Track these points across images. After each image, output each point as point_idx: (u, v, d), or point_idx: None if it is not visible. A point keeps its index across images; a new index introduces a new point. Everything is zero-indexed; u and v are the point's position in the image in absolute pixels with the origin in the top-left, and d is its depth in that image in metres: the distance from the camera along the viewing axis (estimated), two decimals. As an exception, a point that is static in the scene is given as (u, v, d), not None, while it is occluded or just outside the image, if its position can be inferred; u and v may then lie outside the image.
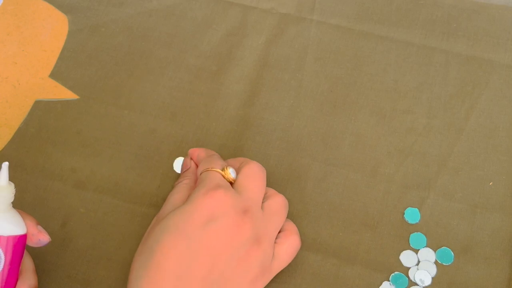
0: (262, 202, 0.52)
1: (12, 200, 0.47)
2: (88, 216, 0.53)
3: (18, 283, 0.48)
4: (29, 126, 0.56)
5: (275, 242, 0.51)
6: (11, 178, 0.49)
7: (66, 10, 0.61)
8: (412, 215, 0.53)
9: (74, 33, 0.60)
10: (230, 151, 0.55)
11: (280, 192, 0.54)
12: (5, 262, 0.47)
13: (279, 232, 0.51)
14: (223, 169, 0.51)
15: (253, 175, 0.52)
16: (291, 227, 0.52)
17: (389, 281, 0.51)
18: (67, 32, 0.61)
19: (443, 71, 0.58)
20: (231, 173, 0.51)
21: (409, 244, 0.52)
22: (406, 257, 0.52)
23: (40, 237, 0.48)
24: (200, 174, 0.52)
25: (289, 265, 0.52)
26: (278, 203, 0.52)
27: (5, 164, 0.47)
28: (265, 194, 0.52)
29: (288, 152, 0.56)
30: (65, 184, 0.54)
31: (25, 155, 0.55)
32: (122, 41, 0.60)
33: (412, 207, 0.53)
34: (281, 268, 0.50)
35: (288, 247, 0.51)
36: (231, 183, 0.51)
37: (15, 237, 0.47)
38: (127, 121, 0.56)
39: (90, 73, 0.58)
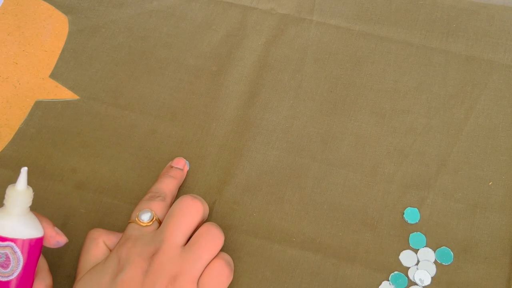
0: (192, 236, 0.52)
1: (30, 204, 0.48)
2: (88, 216, 0.53)
3: (35, 283, 0.49)
4: (29, 126, 0.56)
5: (202, 273, 0.51)
6: (14, 179, 0.49)
7: (66, 10, 0.61)
8: (411, 215, 0.53)
9: (74, 34, 0.60)
10: (231, 152, 0.55)
11: (279, 192, 0.54)
12: (24, 264, 0.47)
13: (211, 261, 0.51)
14: (136, 217, 0.52)
15: (174, 214, 0.52)
16: (222, 257, 0.52)
17: (388, 280, 0.51)
18: (68, 33, 0.60)
19: (442, 71, 0.58)
20: (142, 219, 0.52)
21: (408, 244, 0.52)
22: (406, 257, 0.52)
23: (58, 239, 0.49)
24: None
25: (289, 265, 0.52)
26: (204, 238, 0.51)
27: (24, 169, 0.47)
28: (199, 228, 0.52)
29: (288, 152, 0.55)
30: (65, 185, 0.54)
31: (26, 155, 0.55)
32: (122, 41, 0.59)
33: (412, 207, 0.53)
34: None
35: (214, 278, 0.51)
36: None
37: (32, 240, 0.47)
38: (127, 122, 0.56)
39: (91, 74, 0.58)
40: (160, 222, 0.51)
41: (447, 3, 0.59)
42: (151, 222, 0.51)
